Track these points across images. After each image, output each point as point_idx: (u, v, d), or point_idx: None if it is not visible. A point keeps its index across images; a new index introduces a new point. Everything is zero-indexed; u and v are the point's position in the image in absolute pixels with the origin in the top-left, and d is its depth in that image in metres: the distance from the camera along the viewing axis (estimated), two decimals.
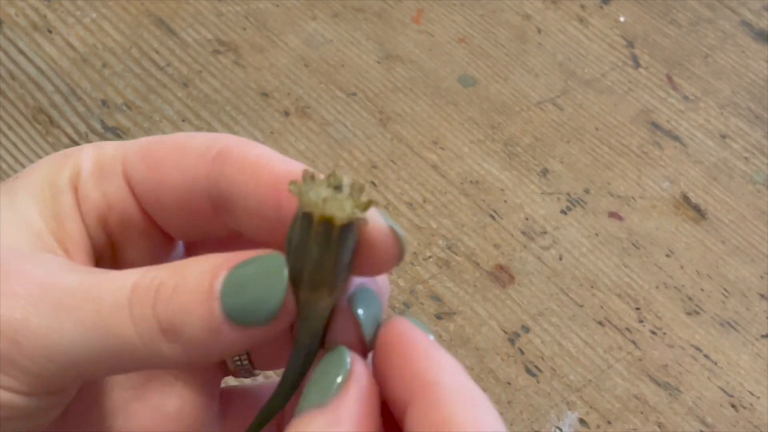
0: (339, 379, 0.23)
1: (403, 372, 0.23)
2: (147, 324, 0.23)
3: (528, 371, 0.47)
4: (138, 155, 0.27)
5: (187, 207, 0.27)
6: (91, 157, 0.27)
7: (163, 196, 0.27)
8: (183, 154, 0.27)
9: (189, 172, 0.26)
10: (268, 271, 0.23)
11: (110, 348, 0.23)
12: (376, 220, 0.24)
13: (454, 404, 0.22)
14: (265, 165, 0.25)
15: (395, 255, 0.24)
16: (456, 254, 0.50)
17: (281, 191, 0.25)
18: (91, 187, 0.27)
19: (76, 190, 0.27)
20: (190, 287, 0.23)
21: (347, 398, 0.23)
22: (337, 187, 0.23)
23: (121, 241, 0.28)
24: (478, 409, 0.22)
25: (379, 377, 0.24)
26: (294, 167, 0.25)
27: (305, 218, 0.23)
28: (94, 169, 0.27)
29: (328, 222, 0.23)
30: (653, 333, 0.48)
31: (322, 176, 0.23)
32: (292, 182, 0.23)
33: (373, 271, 0.25)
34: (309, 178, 0.23)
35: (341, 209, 0.23)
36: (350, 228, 0.23)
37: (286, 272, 0.23)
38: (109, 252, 0.28)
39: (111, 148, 0.28)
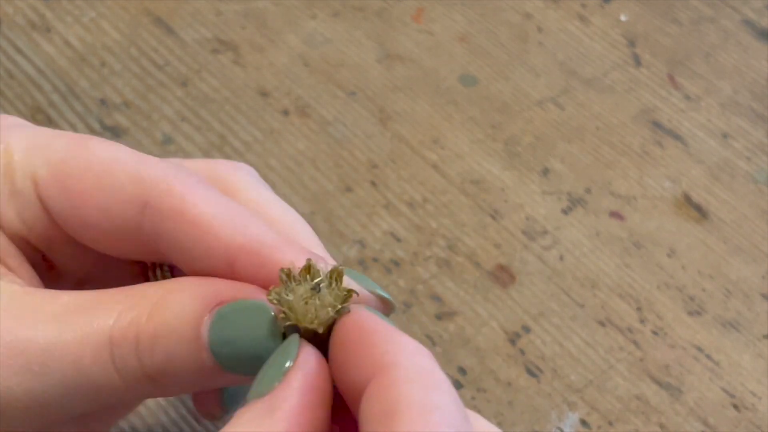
0: (282, 369, 0.23)
1: (361, 358, 0.23)
2: (133, 375, 0.23)
3: (529, 372, 0.46)
4: (52, 181, 0.26)
5: (115, 243, 0.26)
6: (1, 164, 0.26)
7: (87, 232, 0.26)
8: (106, 195, 0.25)
9: (116, 219, 0.25)
10: (253, 324, 0.23)
11: (94, 399, 0.23)
12: (359, 309, 0.24)
13: (407, 383, 0.21)
14: (209, 230, 0.24)
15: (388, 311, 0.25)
16: (456, 254, 0.50)
17: (236, 262, 0.24)
18: (9, 209, 0.26)
19: None
20: (174, 336, 0.22)
21: (287, 387, 0.22)
22: (316, 282, 0.23)
23: (54, 254, 0.27)
24: (430, 388, 0.21)
25: (336, 369, 0.24)
26: (246, 237, 0.24)
27: (292, 327, 0.23)
28: (5, 185, 0.26)
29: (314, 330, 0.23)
30: (654, 333, 0.48)
31: (295, 272, 0.23)
32: (271, 290, 0.22)
33: None
34: (285, 277, 0.23)
35: (323, 313, 0.22)
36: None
37: (272, 323, 0.23)
38: (44, 261, 0.27)
39: (21, 150, 0.26)
